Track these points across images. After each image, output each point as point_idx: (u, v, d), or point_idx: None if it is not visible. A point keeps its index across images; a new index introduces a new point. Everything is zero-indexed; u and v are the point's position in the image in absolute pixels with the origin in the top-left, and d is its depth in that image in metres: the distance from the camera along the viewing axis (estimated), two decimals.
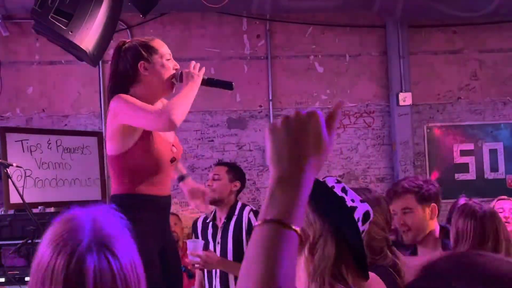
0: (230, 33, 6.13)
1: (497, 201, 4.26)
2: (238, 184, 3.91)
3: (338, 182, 1.67)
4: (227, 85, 2.97)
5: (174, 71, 2.91)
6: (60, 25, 3.58)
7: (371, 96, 6.24)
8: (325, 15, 6.11)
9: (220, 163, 4.54)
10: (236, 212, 3.85)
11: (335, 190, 1.65)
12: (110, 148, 2.86)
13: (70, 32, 3.60)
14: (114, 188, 2.88)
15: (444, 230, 3.11)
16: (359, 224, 1.64)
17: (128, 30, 5.94)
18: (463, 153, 6.23)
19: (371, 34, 6.25)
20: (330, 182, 1.67)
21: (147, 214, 2.79)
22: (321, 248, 1.58)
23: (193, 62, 2.90)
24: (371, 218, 1.68)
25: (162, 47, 2.93)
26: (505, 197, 4.39)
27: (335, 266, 1.57)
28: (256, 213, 3.81)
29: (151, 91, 2.87)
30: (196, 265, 3.67)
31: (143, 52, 2.88)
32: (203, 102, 6.00)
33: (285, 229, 1.01)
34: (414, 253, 3.11)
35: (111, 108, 2.79)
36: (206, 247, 3.86)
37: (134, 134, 2.78)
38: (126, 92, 2.84)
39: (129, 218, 1.26)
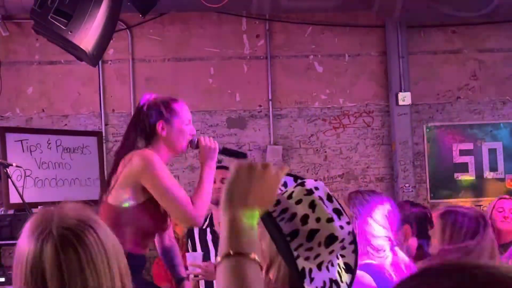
0: (230, 33, 6.13)
1: (498, 200, 4.26)
2: None
3: (309, 193, 1.55)
4: (241, 155, 3.02)
5: (191, 137, 2.88)
6: (60, 25, 3.59)
7: (370, 96, 6.24)
8: (325, 15, 6.11)
9: (219, 166, 4.47)
10: None
11: (300, 205, 1.57)
12: (116, 198, 2.75)
13: (69, 32, 3.61)
14: None
15: None
16: (322, 247, 1.53)
17: (127, 30, 5.95)
18: (463, 152, 6.24)
19: (371, 34, 6.26)
20: (297, 195, 1.58)
21: (135, 270, 2.80)
22: (277, 270, 1.56)
23: (204, 137, 2.89)
24: (340, 239, 1.56)
25: (184, 111, 2.90)
26: (507, 196, 4.38)
27: (292, 284, 1.55)
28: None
29: (163, 151, 2.84)
30: (197, 277, 3.55)
31: (164, 112, 2.85)
32: (203, 102, 6.01)
33: (248, 259, 1.16)
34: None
35: (136, 162, 2.70)
36: (207, 255, 3.82)
37: (146, 193, 2.73)
38: (147, 145, 2.81)
39: None
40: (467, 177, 6.22)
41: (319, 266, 1.56)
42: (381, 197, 2.43)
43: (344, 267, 1.62)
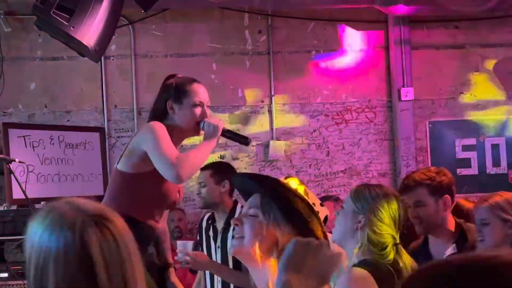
0: (232, 29, 6.13)
1: None
2: (226, 184, 3.78)
3: (301, 183, 1.69)
4: (244, 140, 3.03)
5: (201, 119, 2.94)
6: (62, 21, 3.59)
7: (373, 91, 6.23)
8: (327, 10, 6.10)
9: (202, 167, 4.12)
10: (236, 214, 3.72)
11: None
12: (124, 164, 2.87)
13: (72, 28, 3.61)
14: (106, 201, 2.85)
15: (460, 226, 3.08)
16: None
17: (129, 25, 5.94)
18: (465, 148, 6.23)
19: (373, 29, 6.25)
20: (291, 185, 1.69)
21: (138, 238, 2.82)
22: None
23: (212, 118, 2.97)
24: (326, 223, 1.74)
25: (195, 93, 2.96)
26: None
27: None
28: None
29: (177, 129, 2.93)
30: (185, 265, 3.56)
31: (174, 92, 2.93)
32: None
33: None
34: (425, 244, 3.10)
35: (142, 131, 2.86)
36: (208, 249, 3.82)
37: (147, 162, 2.80)
38: (161, 120, 2.91)
39: None
40: (470, 173, 6.21)
41: None
42: (388, 192, 2.41)
43: None
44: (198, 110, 2.93)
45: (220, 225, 3.81)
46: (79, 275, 1.16)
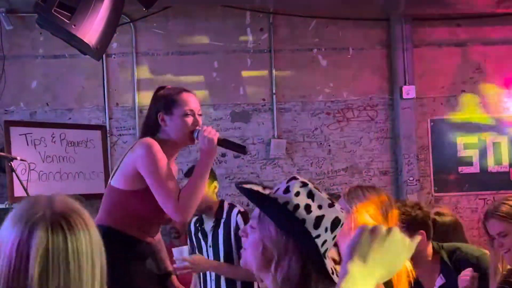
0: (234, 27, 6.12)
1: None
2: (216, 184, 3.80)
3: (304, 185, 1.59)
4: (241, 149, 3.01)
5: (193, 128, 2.89)
6: (63, 19, 3.59)
7: (374, 90, 6.23)
8: (329, 8, 6.09)
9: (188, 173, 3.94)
10: (224, 215, 3.74)
11: (300, 196, 1.59)
12: (119, 180, 2.84)
13: (73, 26, 3.61)
14: (101, 217, 2.82)
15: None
16: (328, 233, 1.56)
17: (131, 23, 5.94)
18: (467, 146, 6.22)
19: (375, 27, 6.24)
20: (293, 188, 1.59)
21: (135, 255, 2.83)
22: (285, 269, 1.54)
23: (206, 127, 2.89)
24: (342, 223, 1.59)
25: (187, 102, 2.91)
26: None
27: (301, 284, 1.53)
28: (243, 215, 3.71)
29: (171, 142, 2.90)
30: (186, 270, 3.53)
31: (164, 104, 2.90)
32: (207, 95, 6.01)
33: None
34: None
35: (137, 151, 2.79)
36: (200, 251, 3.81)
37: (144, 181, 2.79)
38: (154, 135, 2.88)
39: (118, 255, 1.28)
40: (472, 171, 6.21)
41: (324, 255, 1.58)
42: (380, 193, 2.41)
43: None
44: (189, 119, 2.88)
45: (208, 226, 3.78)
46: (18, 267, 1.15)
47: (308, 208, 1.56)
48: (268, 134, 6.11)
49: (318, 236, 1.55)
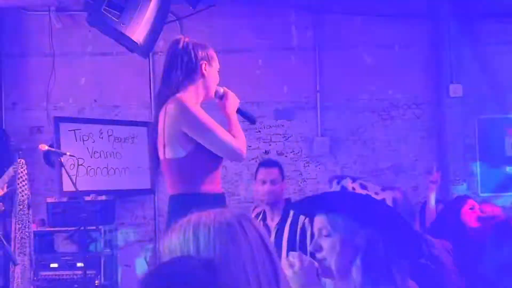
0: (278, 24, 6.13)
1: None
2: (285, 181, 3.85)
3: (354, 181, 1.70)
4: (251, 119, 3.16)
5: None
6: (112, 17, 3.67)
7: (420, 87, 6.15)
8: (374, 5, 6.04)
9: (270, 164, 3.94)
10: (291, 214, 3.63)
11: (356, 191, 1.69)
12: (173, 151, 2.82)
13: (121, 24, 3.68)
14: (176, 188, 2.85)
15: None
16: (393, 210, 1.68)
17: (177, 21, 6.01)
18: None
19: (421, 24, 6.15)
20: (347, 186, 1.69)
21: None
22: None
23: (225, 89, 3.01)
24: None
25: (216, 59, 3.01)
26: None
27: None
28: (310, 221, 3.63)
29: (199, 91, 2.91)
30: None
31: (208, 55, 2.94)
32: (250, 93, 6.03)
33: None
34: None
35: (172, 112, 2.78)
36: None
37: (193, 139, 2.80)
38: (180, 87, 2.86)
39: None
40: None
41: None
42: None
43: None
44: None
45: (272, 222, 3.73)
46: None
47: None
48: (312, 132, 6.10)
49: None
